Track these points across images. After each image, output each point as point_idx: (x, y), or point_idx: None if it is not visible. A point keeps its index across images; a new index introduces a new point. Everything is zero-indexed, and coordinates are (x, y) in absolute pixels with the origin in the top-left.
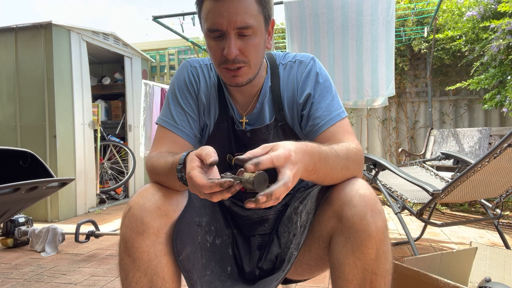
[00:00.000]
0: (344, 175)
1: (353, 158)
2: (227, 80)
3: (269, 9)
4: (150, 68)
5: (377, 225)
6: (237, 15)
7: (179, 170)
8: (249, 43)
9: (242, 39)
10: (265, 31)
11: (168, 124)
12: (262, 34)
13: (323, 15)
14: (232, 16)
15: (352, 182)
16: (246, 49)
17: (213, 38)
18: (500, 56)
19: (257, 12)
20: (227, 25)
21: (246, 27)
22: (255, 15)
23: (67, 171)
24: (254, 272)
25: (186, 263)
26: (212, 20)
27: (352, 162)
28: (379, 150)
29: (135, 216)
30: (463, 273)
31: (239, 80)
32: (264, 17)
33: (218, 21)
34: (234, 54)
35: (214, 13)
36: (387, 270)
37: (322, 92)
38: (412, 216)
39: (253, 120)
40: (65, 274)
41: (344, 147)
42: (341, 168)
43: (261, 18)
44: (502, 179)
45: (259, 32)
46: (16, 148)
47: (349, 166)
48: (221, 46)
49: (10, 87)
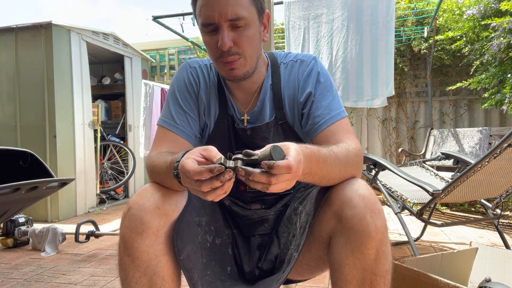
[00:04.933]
0: (342, 176)
1: (353, 159)
2: (224, 73)
3: (261, 1)
4: (150, 68)
5: (376, 225)
6: (228, 7)
7: (175, 168)
8: (242, 34)
9: (235, 31)
10: (259, 23)
11: (168, 124)
12: (256, 26)
13: (323, 15)
14: (223, 8)
15: (351, 183)
16: (240, 41)
17: (208, 33)
18: (500, 54)
19: (249, 4)
20: (219, 17)
21: (238, 18)
22: (246, 7)
23: (67, 171)
24: (253, 272)
25: (187, 262)
26: (204, 14)
27: (351, 163)
28: (379, 150)
29: (135, 216)
30: (463, 273)
31: (236, 72)
32: (257, 8)
33: (210, 15)
34: (228, 45)
35: (206, 7)
36: (387, 270)
37: (322, 91)
38: (412, 216)
39: (254, 117)
40: (65, 274)
41: (344, 149)
42: (339, 171)
43: (253, 10)
44: (502, 179)
45: (253, 23)
46: (16, 148)
47: (348, 167)
48: (215, 39)
49: (10, 87)
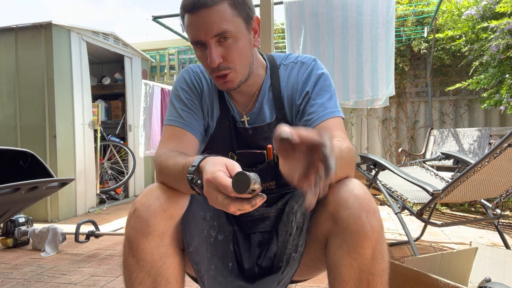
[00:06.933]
0: (337, 175)
1: (346, 159)
2: (219, 86)
3: (247, 9)
4: (150, 68)
5: (372, 225)
6: (212, 24)
7: (191, 172)
8: (231, 48)
9: (222, 45)
10: (247, 32)
11: (174, 122)
12: (244, 36)
13: (323, 15)
14: (207, 26)
15: (346, 183)
16: (229, 55)
17: (198, 49)
18: (499, 55)
19: (233, 16)
20: (204, 35)
21: (223, 32)
22: (231, 20)
23: (67, 171)
24: (253, 269)
25: (194, 255)
26: (191, 32)
27: (344, 162)
28: (379, 150)
29: (141, 217)
30: (463, 273)
31: (229, 85)
32: (243, 18)
33: (196, 34)
34: (216, 62)
35: (192, 26)
36: (384, 270)
37: (320, 90)
38: (412, 216)
39: (253, 119)
40: (65, 274)
41: (337, 148)
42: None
43: (239, 21)
44: (502, 179)
45: (240, 35)
46: (16, 148)
47: (343, 166)
48: (205, 55)
49: (10, 87)
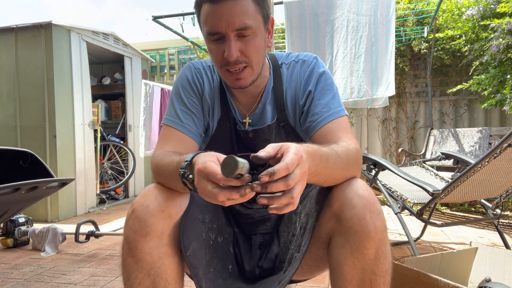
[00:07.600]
0: (344, 176)
1: (353, 159)
2: (230, 82)
3: (267, 8)
4: (150, 68)
5: (376, 225)
6: (235, 17)
7: (183, 167)
8: (249, 43)
9: (242, 40)
10: (264, 31)
11: (173, 123)
12: (262, 34)
13: (323, 15)
14: (230, 18)
15: (351, 183)
16: (247, 50)
17: (213, 41)
18: (499, 55)
19: (255, 12)
20: (226, 27)
21: (245, 28)
22: (253, 16)
23: (67, 171)
24: (254, 271)
25: (192, 259)
26: (211, 23)
27: (352, 162)
28: (379, 150)
29: (139, 218)
30: (463, 273)
31: (242, 82)
32: (263, 16)
33: (216, 24)
34: (235, 56)
35: (212, 16)
36: (386, 270)
37: (322, 89)
38: (412, 216)
39: (255, 120)
40: (65, 274)
41: (344, 148)
42: (341, 169)
43: (259, 18)
44: (502, 179)
45: (259, 32)
46: (16, 148)
47: (349, 167)
48: (221, 48)
49: (10, 87)
